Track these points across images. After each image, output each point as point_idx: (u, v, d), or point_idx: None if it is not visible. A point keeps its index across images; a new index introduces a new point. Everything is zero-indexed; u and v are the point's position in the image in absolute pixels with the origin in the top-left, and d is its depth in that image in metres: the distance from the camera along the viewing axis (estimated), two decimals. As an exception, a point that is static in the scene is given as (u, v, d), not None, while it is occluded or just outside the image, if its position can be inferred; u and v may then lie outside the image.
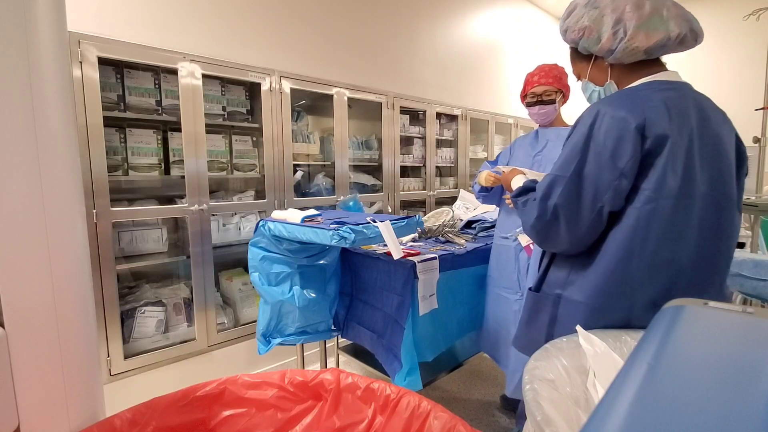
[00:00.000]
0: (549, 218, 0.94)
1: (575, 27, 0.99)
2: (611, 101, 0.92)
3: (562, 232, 0.94)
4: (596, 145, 0.89)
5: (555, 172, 0.95)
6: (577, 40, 1.01)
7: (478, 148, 3.89)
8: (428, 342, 1.69)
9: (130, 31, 1.81)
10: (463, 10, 3.57)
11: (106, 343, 1.78)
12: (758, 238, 2.71)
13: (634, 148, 0.85)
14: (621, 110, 0.88)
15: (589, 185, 0.90)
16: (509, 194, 1.25)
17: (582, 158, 0.90)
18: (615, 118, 0.87)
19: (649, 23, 0.91)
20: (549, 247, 1.02)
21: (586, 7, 0.97)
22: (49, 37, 0.86)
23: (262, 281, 1.67)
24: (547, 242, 0.99)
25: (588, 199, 0.90)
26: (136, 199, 2.06)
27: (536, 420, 0.58)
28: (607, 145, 0.87)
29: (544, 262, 1.08)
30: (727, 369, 0.43)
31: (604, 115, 0.89)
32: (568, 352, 0.77)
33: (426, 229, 2.10)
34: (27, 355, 0.86)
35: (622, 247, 0.89)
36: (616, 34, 0.93)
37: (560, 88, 1.71)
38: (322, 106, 2.71)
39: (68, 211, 0.92)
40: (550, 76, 1.71)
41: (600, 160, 0.88)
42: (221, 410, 1.12)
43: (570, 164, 0.92)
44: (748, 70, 3.83)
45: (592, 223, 0.91)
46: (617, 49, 0.95)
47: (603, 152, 0.88)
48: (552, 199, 0.93)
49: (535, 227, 0.98)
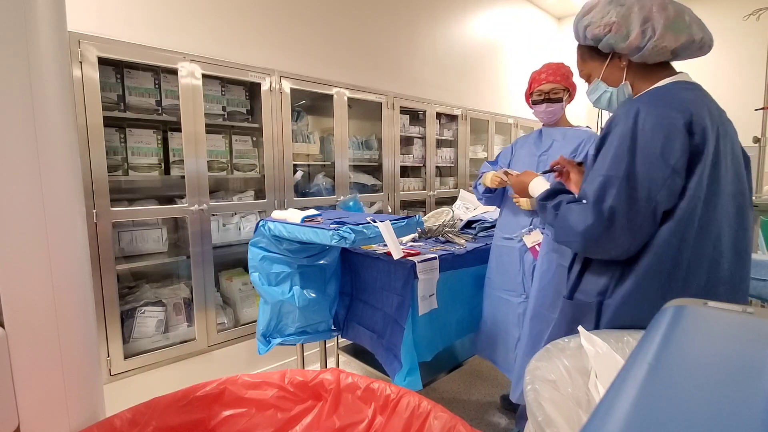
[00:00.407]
0: (604, 223, 0.88)
1: (600, 22, 0.97)
2: (650, 99, 0.92)
3: (618, 237, 0.88)
4: (644, 144, 0.87)
5: (605, 171, 0.89)
6: (601, 36, 0.98)
7: (478, 148, 3.89)
8: (428, 342, 1.69)
9: (130, 31, 1.81)
10: (463, 10, 3.57)
11: (106, 343, 1.78)
12: (758, 238, 2.71)
13: (683, 144, 0.85)
14: (666, 108, 0.88)
15: (642, 185, 0.86)
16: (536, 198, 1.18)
17: (631, 157, 0.87)
18: (661, 116, 0.87)
19: (675, 25, 0.92)
20: (598, 254, 0.95)
21: (611, 5, 0.96)
22: (49, 37, 0.86)
23: (262, 281, 1.67)
24: (598, 249, 0.92)
25: (643, 198, 0.86)
26: (136, 199, 2.06)
27: (537, 420, 0.58)
28: (656, 142, 0.86)
29: (575, 269, 1.04)
30: (727, 369, 0.43)
31: (647, 113, 0.88)
32: (569, 352, 0.77)
33: (426, 229, 2.10)
34: (27, 355, 0.86)
35: (669, 247, 0.88)
36: (645, 32, 0.93)
37: (567, 87, 1.70)
38: (322, 106, 2.71)
39: (68, 211, 0.92)
40: (558, 74, 1.69)
41: (650, 159, 0.86)
42: (221, 410, 1.12)
43: (620, 164, 0.88)
44: (748, 70, 3.83)
45: (647, 225, 0.87)
46: (646, 47, 0.94)
47: (652, 150, 0.86)
48: (607, 202, 0.88)
49: (587, 234, 0.90)
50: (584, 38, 1.03)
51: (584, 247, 0.93)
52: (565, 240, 0.98)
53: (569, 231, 0.95)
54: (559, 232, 0.99)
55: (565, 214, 0.97)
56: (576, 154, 1.62)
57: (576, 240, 0.93)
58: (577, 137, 1.66)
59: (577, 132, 1.69)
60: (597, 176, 0.91)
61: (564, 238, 0.98)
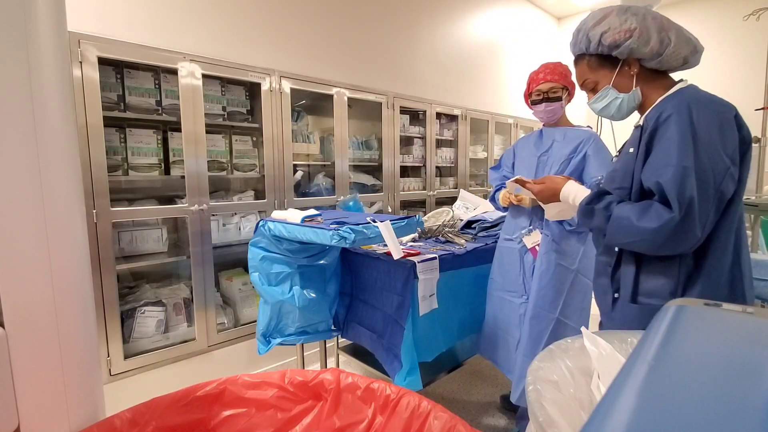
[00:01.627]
0: (682, 214, 0.87)
1: (621, 28, 0.99)
2: (693, 96, 0.95)
3: (693, 228, 0.88)
4: (703, 135, 0.89)
5: (678, 162, 0.89)
6: (621, 41, 1.00)
7: (478, 148, 3.89)
8: (428, 342, 1.69)
9: (130, 31, 1.81)
10: (463, 10, 3.57)
11: (106, 343, 1.78)
12: (758, 238, 2.71)
13: (735, 136, 0.91)
14: (714, 102, 0.93)
15: (709, 175, 0.88)
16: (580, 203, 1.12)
17: (695, 149, 0.89)
18: (713, 109, 0.91)
19: (683, 35, 1.00)
20: (668, 249, 0.92)
21: (626, 13, 1.00)
22: (49, 37, 0.86)
23: (262, 281, 1.67)
24: (673, 243, 0.90)
25: (711, 188, 0.88)
26: (136, 199, 2.06)
27: (538, 421, 0.58)
28: (714, 134, 0.89)
29: (629, 270, 1.01)
30: (727, 369, 0.43)
31: (699, 107, 0.91)
32: (572, 353, 0.77)
33: (426, 229, 2.10)
34: (27, 355, 0.86)
35: (733, 238, 0.92)
36: (663, 40, 0.98)
37: (566, 85, 1.70)
38: (322, 106, 2.71)
39: (68, 211, 0.92)
40: (556, 73, 1.68)
41: (711, 150, 0.89)
42: (221, 410, 1.12)
43: (688, 155, 0.88)
44: (748, 70, 3.83)
45: (713, 215, 0.89)
46: (665, 54, 0.98)
47: (712, 142, 0.89)
48: (687, 192, 0.87)
49: (664, 228, 0.88)
50: (598, 46, 1.04)
51: (658, 244, 0.91)
52: (626, 241, 0.96)
53: (633, 230, 0.93)
54: (616, 234, 0.97)
55: (624, 214, 0.95)
56: (575, 154, 1.62)
57: (646, 238, 0.91)
58: (577, 137, 1.65)
59: (578, 132, 1.68)
60: (670, 167, 0.89)
61: (624, 239, 0.95)
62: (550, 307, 1.63)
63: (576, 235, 1.64)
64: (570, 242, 1.63)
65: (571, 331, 1.62)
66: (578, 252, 1.63)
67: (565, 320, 1.63)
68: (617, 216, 0.96)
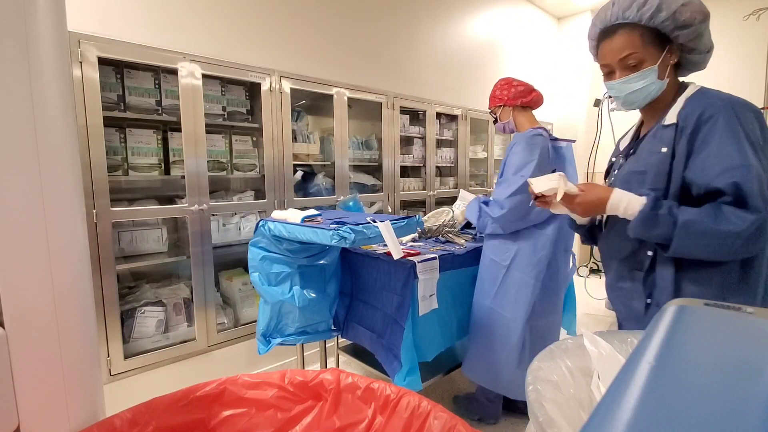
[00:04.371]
0: (765, 214, 0.84)
1: (700, 9, 0.96)
2: (727, 97, 0.94)
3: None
4: (752, 136, 0.90)
5: (747, 161, 0.86)
6: (695, 22, 0.95)
7: (478, 148, 3.89)
8: (428, 342, 1.69)
9: (130, 31, 1.81)
10: (463, 10, 3.57)
11: (106, 343, 1.78)
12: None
13: (765, 136, 0.92)
14: (748, 104, 0.93)
15: (764, 175, 0.87)
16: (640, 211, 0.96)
17: (754, 149, 0.88)
18: (749, 109, 0.92)
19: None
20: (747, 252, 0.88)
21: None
22: (49, 37, 0.86)
23: (262, 281, 1.67)
24: (754, 246, 0.87)
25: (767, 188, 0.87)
26: (136, 199, 2.06)
27: (538, 421, 0.58)
28: (757, 134, 0.91)
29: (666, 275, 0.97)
30: (727, 369, 0.43)
31: (740, 108, 0.92)
32: (572, 353, 0.77)
33: (426, 229, 2.10)
34: (27, 355, 0.86)
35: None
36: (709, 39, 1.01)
37: (494, 107, 1.93)
38: (322, 106, 2.71)
39: (68, 211, 0.92)
40: (490, 99, 1.96)
41: (759, 150, 0.89)
42: (221, 410, 1.12)
43: (750, 155, 0.87)
44: (748, 70, 3.83)
45: None
46: (708, 53, 1.02)
47: (759, 143, 0.90)
48: (766, 191, 0.86)
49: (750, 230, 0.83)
50: (667, 19, 0.94)
51: (737, 246, 0.85)
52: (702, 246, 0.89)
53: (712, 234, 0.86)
54: (687, 240, 0.89)
55: (697, 218, 0.88)
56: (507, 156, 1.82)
57: (728, 242, 0.85)
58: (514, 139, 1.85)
59: (516, 135, 1.86)
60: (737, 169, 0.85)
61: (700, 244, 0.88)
62: (485, 295, 1.83)
63: (510, 236, 1.79)
64: (504, 241, 1.80)
65: (505, 321, 1.78)
66: (510, 250, 1.78)
67: (499, 310, 1.79)
68: (688, 221, 0.88)
